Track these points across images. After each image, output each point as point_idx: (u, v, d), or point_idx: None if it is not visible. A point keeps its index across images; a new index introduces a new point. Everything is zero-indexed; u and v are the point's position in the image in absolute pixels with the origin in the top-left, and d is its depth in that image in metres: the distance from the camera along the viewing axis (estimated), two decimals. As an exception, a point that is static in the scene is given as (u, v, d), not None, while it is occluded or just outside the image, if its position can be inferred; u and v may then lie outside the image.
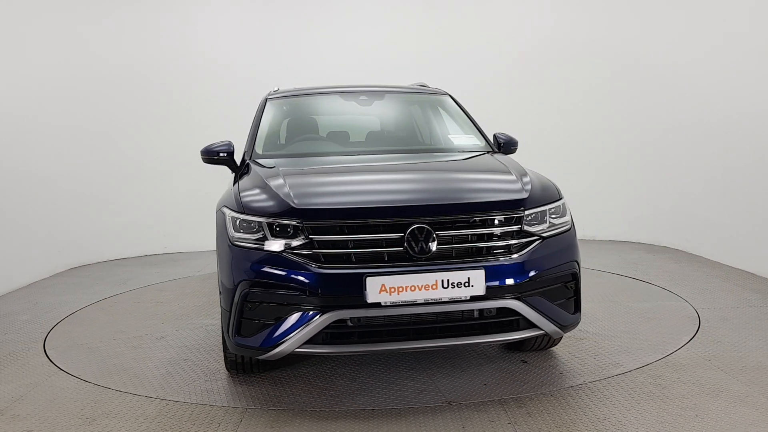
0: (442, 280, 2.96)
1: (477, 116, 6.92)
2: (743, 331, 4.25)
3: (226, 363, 3.64)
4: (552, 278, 3.21)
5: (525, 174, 3.60)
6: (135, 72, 7.60)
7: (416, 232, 3.03)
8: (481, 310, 3.09)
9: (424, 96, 5.01)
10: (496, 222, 3.16)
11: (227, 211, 3.33)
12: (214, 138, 4.64)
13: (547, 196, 3.41)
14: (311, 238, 3.04)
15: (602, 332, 4.27)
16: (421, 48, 7.99)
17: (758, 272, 5.78)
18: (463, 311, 3.06)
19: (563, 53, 7.83)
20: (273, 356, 3.08)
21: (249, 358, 3.46)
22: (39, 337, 4.58)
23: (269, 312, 3.06)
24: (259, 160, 4.04)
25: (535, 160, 7.88)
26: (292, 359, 3.80)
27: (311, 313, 2.97)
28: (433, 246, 3.02)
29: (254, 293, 3.06)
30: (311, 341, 3.00)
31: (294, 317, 3.00)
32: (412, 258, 3.01)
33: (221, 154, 4.17)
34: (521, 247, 3.16)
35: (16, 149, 6.36)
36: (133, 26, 7.58)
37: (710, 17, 6.48)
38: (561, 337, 3.79)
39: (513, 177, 3.52)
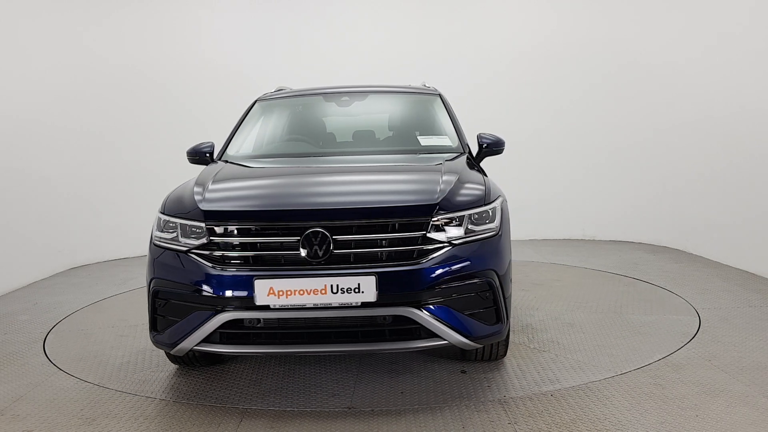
0: (332, 285, 2.93)
1: (475, 116, 6.95)
2: (743, 331, 4.25)
3: (168, 356, 3.74)
4: (461, 287, 3.08)
5: (453, 177, 3.43)
6: (135, 73, 7.61)
7: (312, 236, 3.01)
8: (383, 317, 3.02)
9: (412, 96, 4.95)
10: (397, 227, 3.06)
11: (158, 212, 3.47)
12: (214, 139, 4.71)
13: (469, 201, 3.27)
14: (212, 240, 3.12)
15: (574, 344, 4.06)
16: (423, 49, 7.99)
17: (758, 272, 5.78)
18: (359, 317, 3.01)
19: (563, 54, 7.84)
20: (177, 352, 3.21)
21: (192, 352, 3.46)
22: (39, 337, 4.58)
23: (175, 310, 3.19)
24: (223, 162, 4.16)
25: (534, 160, 7.95)
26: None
27: (207, 313, 3.05)
28: (328, 250, 3.00)
29: (163, 291, 3.22)
30: (208, 340, 3.09)
31: (193, 316, 3.10)
32: (308, 262, 3.00)
33: (206, 155, 4.30)
34: (424, 254, 3.04)
35: (16, 150, 6.36)
36: (134, 27, 7.58)
37: (709, 15, 6.48)
38: (505, 347, 3.67)
39: (435, 180, 3.38)
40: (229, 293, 3.02)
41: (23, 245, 6.34)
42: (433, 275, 3.02)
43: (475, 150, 4.36)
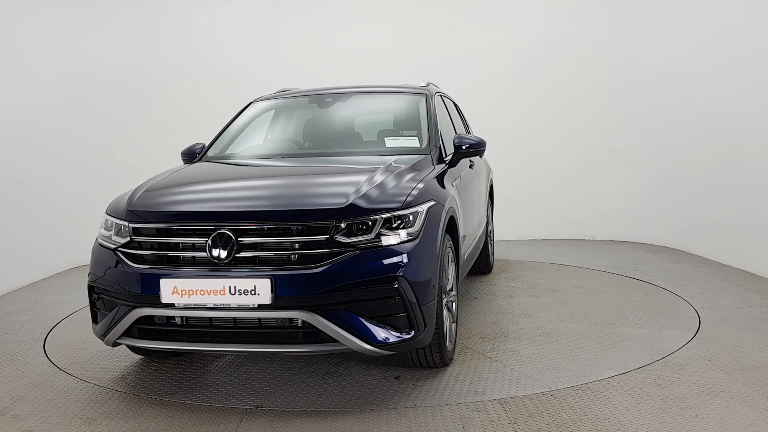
0: (230, 287, 3.00)
1: (475, 115, 6.94)
2: (743, 331, 4.25)
3: (129, 348, 3.88)
4: (365, 292, 3.04)
5: (381, 179, 3.41)
6: (135, 74, 7.61)
7: (218, 238, 3.08)
8: (283, 320, 3.05)
9: (396, 96, 4.91)
10: (304, 230, 3.08)
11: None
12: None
13: (386, 205, 3.20)
14: (133, 239, 3.29)
15: (534, 356, 3.86)
16: (424, 48, 7.98)
17: (758, 272, 5.78)
18: (261, 319, 3.06)
19: (564, 53, 7.84)
20: (107, 343, 3.36)
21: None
22: (39, 337, 4.59)
23: (105, 304, 3.39)
24: (201, 162, 4.39)
25: (535, 160, 7.95)
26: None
27: (126, 308, 3.22)
28: (232, 252, 3.05)
29: (97, 286, 3.40)
30: (128, 334, 3.26)
31: (116, 311, 3.28)
32: (214, 263, 3.07)
33: (197, 156, 4.51)
34: (326, 257, 3.03)
35: (16, 150, 6.36)
36: (133, 28, 7.58)
37: (708, 14, 6.48)
38: (440, 354, 3.54)
39: (357, 182, 3.35)
40: (141, 290, 3.16)
41: (23, 245, 6.34)
42: (333, 279, 2.99)
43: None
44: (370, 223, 3.13)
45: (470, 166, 5.00)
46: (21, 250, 6.30)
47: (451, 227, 3.82)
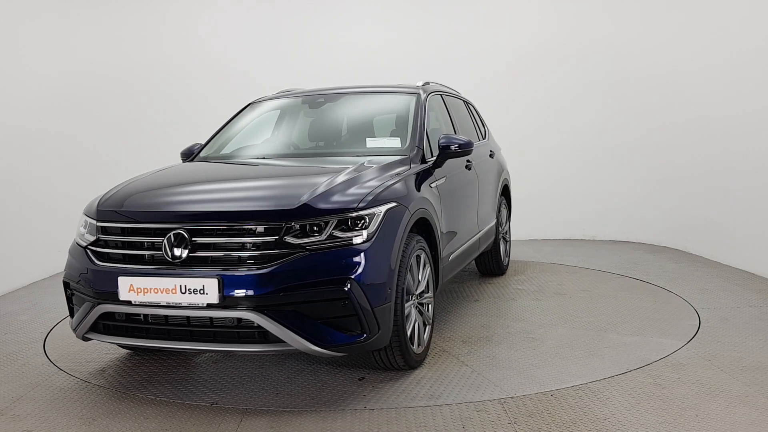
0: (180, 286, 3.07)
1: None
2: (743, 331, 4.25)
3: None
4: (312, 294, 3.06)
5: (342, 179, 3.41)
6: (135, 75, 7.61)
7: (173, 237, 3.15)
8: (232, 319, 3.07)
9: (387, 96, 4.88)
10: (255, 231, 3.11)
11: None
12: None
13: (340, 207, 3.20)
14: (99, 237, 3.41)
15: (508, 361, 3.78)
16: (424, 48, 7.99)
17: (758, 272, 5.78)
18: (212, 317, 3.10)
19: (564, 54, 7.84)
20: (78, 337, 3.45)
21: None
22: (39, 337, 4.59)
23: (76, 300, 3.50)
24: (191, 163, 4.49)
25: (535, 160, 7.95)
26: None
27: (90, 304, 3.33)
28: (185, 251, 3.12)
29: (70, 282, 3.51)
30: (94, 329, 3.37)
31: (84, 307, 3.39)
32: (169, 262, 3.14)
33: (194, 155, 4.62)
34: (274, 258, 3.05)
35: (16, 150, 6.36)
36: (134, 29, 7.59)
37: (709, 14, 6.49)
38: (402, 357, 3.48)
39: (315, 183, 3.36)
40: (102, 287, 3.27)
41: (23, 245, 6.34)
42: (279, 280, 3.02)
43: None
44: (323, 224, 3.14)
45: (467, 167, 4.89)
46: (21, 250, 6.30)
47: (428, 229, 3.81)
